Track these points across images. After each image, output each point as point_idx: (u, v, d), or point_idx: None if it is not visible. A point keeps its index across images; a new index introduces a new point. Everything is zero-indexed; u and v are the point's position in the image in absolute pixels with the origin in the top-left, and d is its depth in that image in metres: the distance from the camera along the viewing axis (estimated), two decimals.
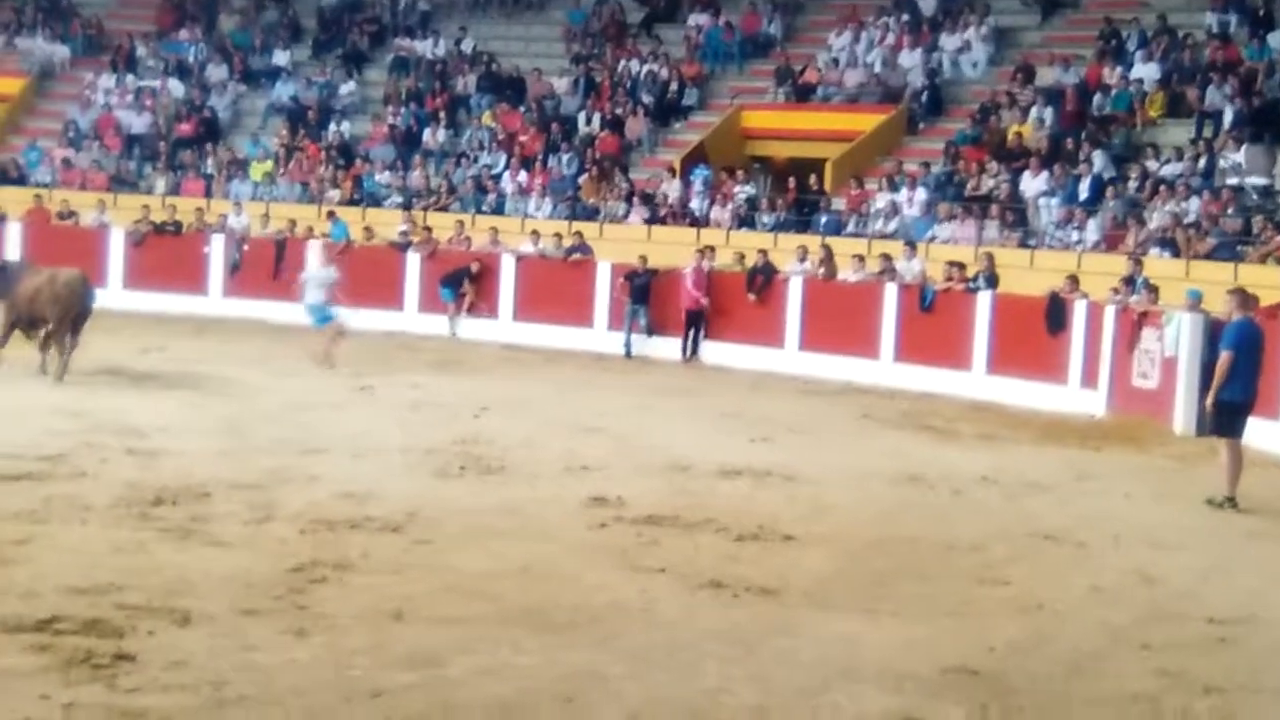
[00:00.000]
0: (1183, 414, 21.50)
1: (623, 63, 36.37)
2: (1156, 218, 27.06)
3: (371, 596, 11.46)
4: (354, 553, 12.72)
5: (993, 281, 26.03)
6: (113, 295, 30.29)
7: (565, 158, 34.15)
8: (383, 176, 34.56)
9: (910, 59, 34.23)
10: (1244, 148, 27.66)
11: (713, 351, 28.34)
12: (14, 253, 30.33)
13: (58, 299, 21.05)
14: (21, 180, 34.77)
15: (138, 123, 36.65)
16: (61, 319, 21.05)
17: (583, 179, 33.58)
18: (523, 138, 34.85)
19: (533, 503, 15.02)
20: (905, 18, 35.07)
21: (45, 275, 21.49)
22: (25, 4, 39.36)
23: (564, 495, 15.41)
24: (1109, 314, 23.45)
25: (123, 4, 40.37)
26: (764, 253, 28.72)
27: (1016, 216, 28.94)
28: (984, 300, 25.69)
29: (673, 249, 29.91)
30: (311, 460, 16.59)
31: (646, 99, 35.33)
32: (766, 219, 31.38)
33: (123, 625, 10.36)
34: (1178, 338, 21.80)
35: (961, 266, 26.49)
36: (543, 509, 14.76)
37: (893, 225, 29.80)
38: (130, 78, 37.66)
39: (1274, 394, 18.63)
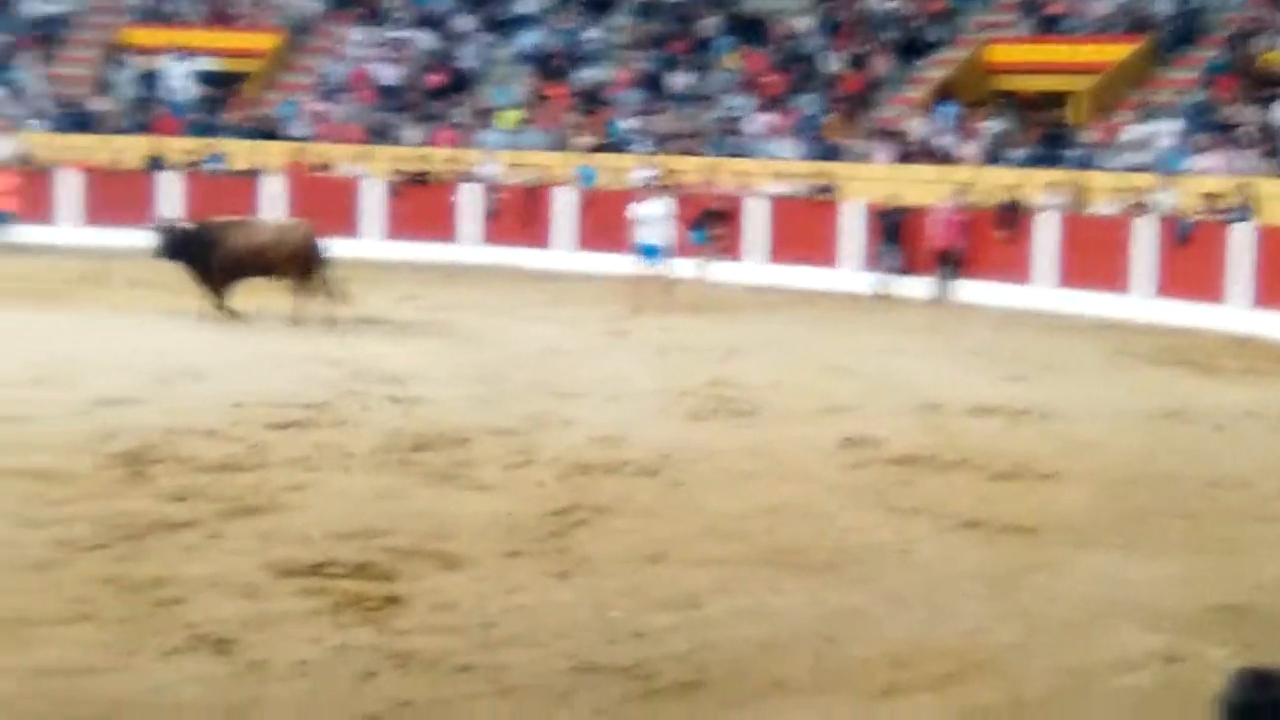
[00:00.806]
0: None
1: (865, 0, 36.07)
2: None
3: (630, 539, 11.62)
4: (611, 496, 12.89)
5: (1251, 212, 25.43)
6: (371, 245, 30.96)
7: (809, 98, 34.00)
8: (629, 121, 34.72)
9: None
10: None
11: (962, 289, 28.10)
12: (275, 206, 31.09)
13: (293, 251, 21.82)
14: (279, 134, 35.52)
15: (389, 74, 37.20)
16: (301, 270, 21.76)
17: (827, 119, 33.41)
18: (766, 79, 34.76)
19: (786, 444, 15.07)
20: None
21: (271, 229, 22.28)
22: None
23: (817, 436, 15.43)
24: None
25: None
26: (1013, 189, 28.36)
27: (1273, 146, 28.20)
28: (1244, 232, 25.11)
29: (919, 187, 29.66)
30: (567, 405, 16.80)
31: (890, 36, 35.02)
32: (1015, 154, 30.95)
33: (391, 569, 10.64)
34: None
35: (1219, 198, 25.92)
36: (796, 450, 14.80)
37: (1144, 157, 29.22)
38: (380, 30, 38.23)
39: None
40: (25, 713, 8.12)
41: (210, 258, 22.15)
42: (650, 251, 26.04)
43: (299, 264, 22.00)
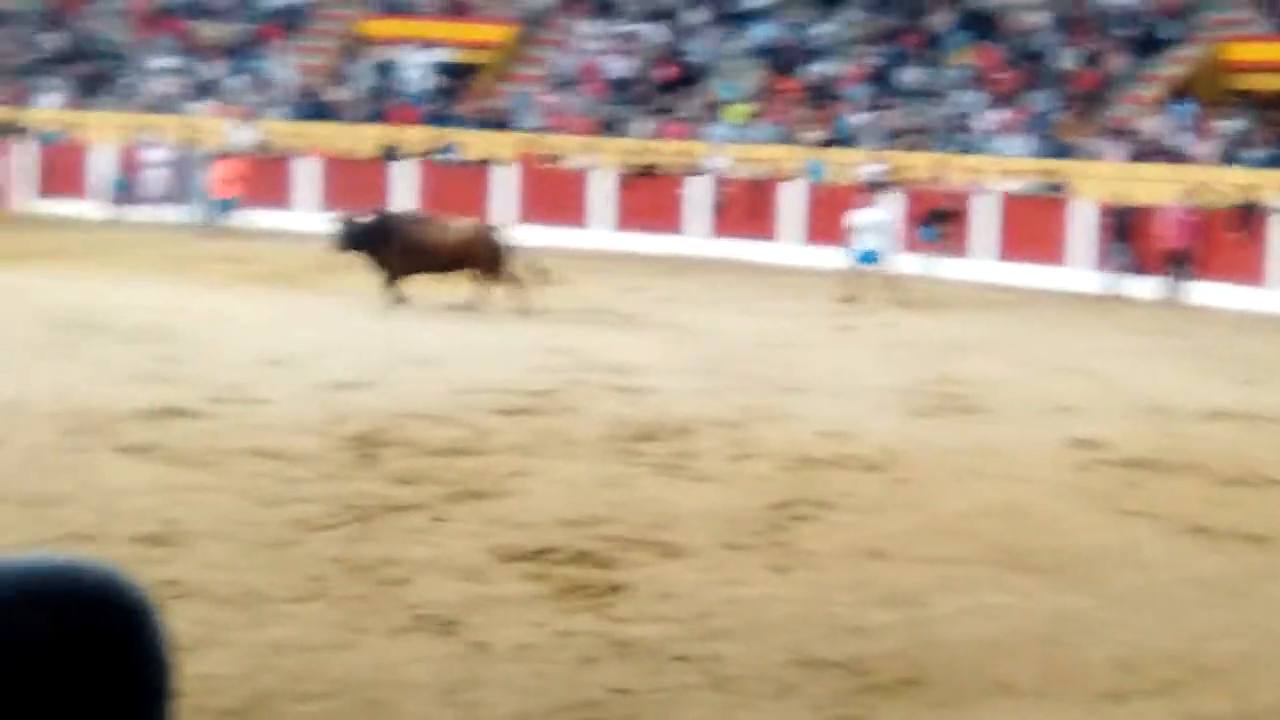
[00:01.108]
0: None
1: None
2: None
3: (852, 534, 11.60)
4: (833, 491, 12.87)
5: None
6: (600, 237, 31.22)
7: (1042, 95, 33.60)
8: (858, 116, 34.60)
9: None
10: None
11: (1194, 291, 27.59)
12: (506, 197, 31.46)
13: (484, 247, 22.39)
14: (510, 126, 35.94)
15: (620, 67, 37.47)
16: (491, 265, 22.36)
17: (1059, 116, 33.00)
18: (998, 75, 34.43)
19: (1012, 443, 14.93)
20: None
21: (464, 226, 23.21)
22: None
23: (1044, 436, 15.26)
24: None
25: None
26: (1249, 190, 27.77)
27: None
28: None
29: (1152, 186, 29.17)
30: (791, 398, 16.80)
31: (1125, 33, 34.48)
32: (1252, 155, 30.30)
33: (612, 556, 10.73)
34: None
35: None
36: (1022, 449, 14.65)
37: None
38: (612, 23, 38.50)
39: None
40: (259, 687, 8.33)
41: (388, 251, 22.66)
42: (868, 258, 25.89)
43: (479, 263, 22.49)
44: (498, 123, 36.03)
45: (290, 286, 24.23)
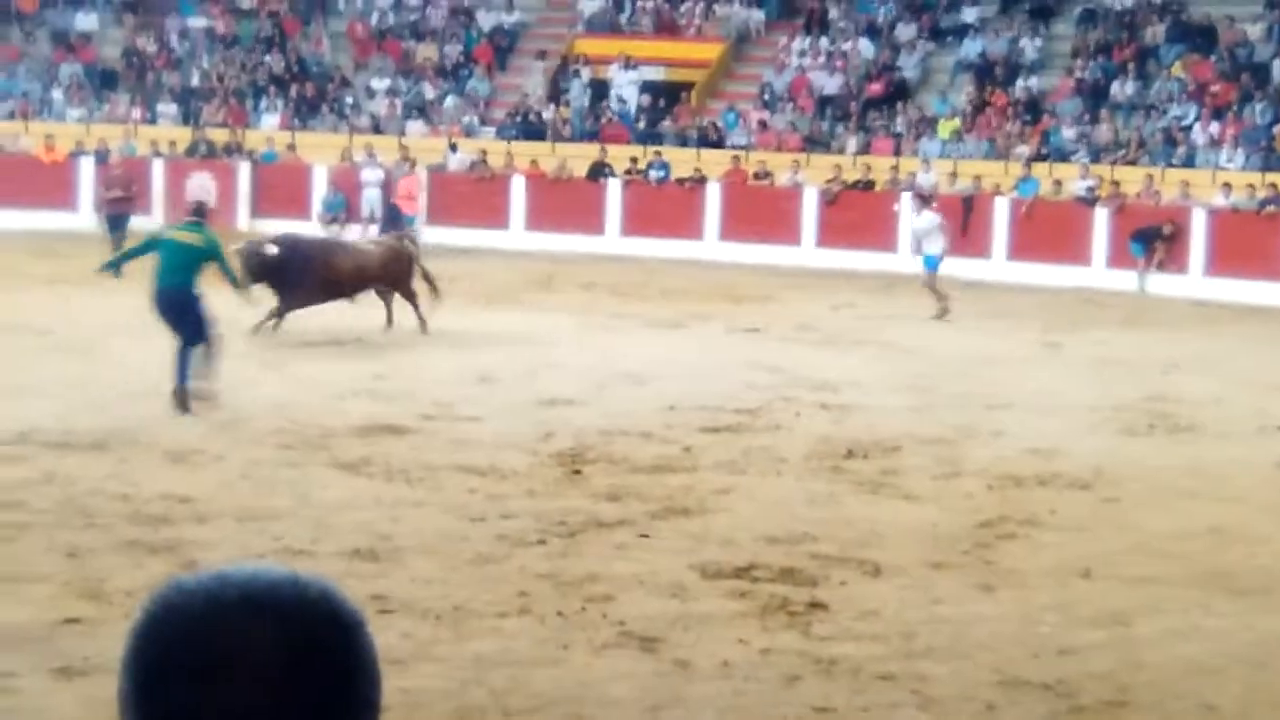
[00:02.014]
0: None
1: None
2: None
3: (1059, 553, 11.52)
4: (1041, 509, 12.79)
5: None
6: (805, 253, 31.22)
7: (1259, 107, 32.98)
8: (1070, 131, 34.23)
9: None
10: None
11: None
12: (713, 214, 31.59)
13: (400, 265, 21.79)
14: (720, 143, 36.06)
15: (829, 83, 37.42)
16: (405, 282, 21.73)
17: (1278, 128, 32.35)
18: (1214, 87, 33.84)
19: (1223, 463, 14.71)
20: None
21: (379, 247, 22.28)
22: None
23: (1256, 456, 15.02)
24: None
25: None
26: None
27: None
28: None
29: None
30: (998, 416, 16.70)
31: None
32: None
33: (816, 574, 10.77)
34: None
35: None
36: (1233, 469, 14.43)
37: None
38: (823, 40, 38.49)
39: None
40: (465, 702, 8.49)
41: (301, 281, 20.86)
42: (931, 262, 25.66)
43: (395, 282, 21.74)
44: (708, 140, 36.16)
45: (503, 305, 24.55)
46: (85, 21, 39.46)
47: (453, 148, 35.48)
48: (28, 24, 39.28)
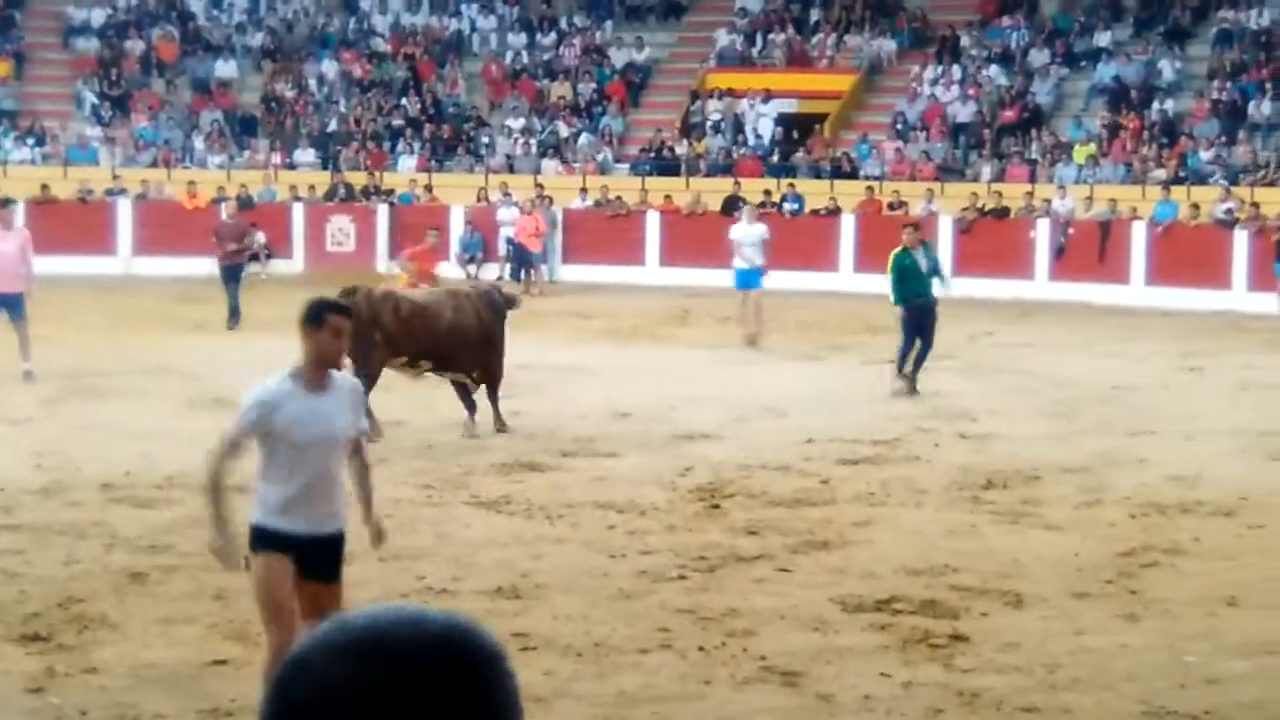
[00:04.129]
0: None
1: None
2: None
3: (1204, 582, 11.39)
4: (1185, 537, 12.65)
5: None
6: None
7: None
8: (1207, 153, 33.86)
9: None
10: None
11: None
12: (848, 245, 31.51)
13: None
14: (854, 174, 36.02)
15: (963, 111, 37.28)
16: None
17: None
18: None
19: None
20: None
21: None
22: (854, 1, 40.67)
23: None
24: None
25: None
26: None
27: None
28: None
29: None
30: (1140, 442, 16.54)
31: None
32: None
33: (957, 606, 10.72)
34: None
35: None
36: None
37: None
38: (955, 67, 38.36)
39: None
40: None
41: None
42: (744, 279, 24.62)
43: None
44: (842, 171, 36.13)
45: (640, 340, 24.64)
46: (225, 69, 40.14)
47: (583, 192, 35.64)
48: (169, 73, 40.01)
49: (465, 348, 16.97)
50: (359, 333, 12.75)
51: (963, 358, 22.75)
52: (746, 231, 25.34)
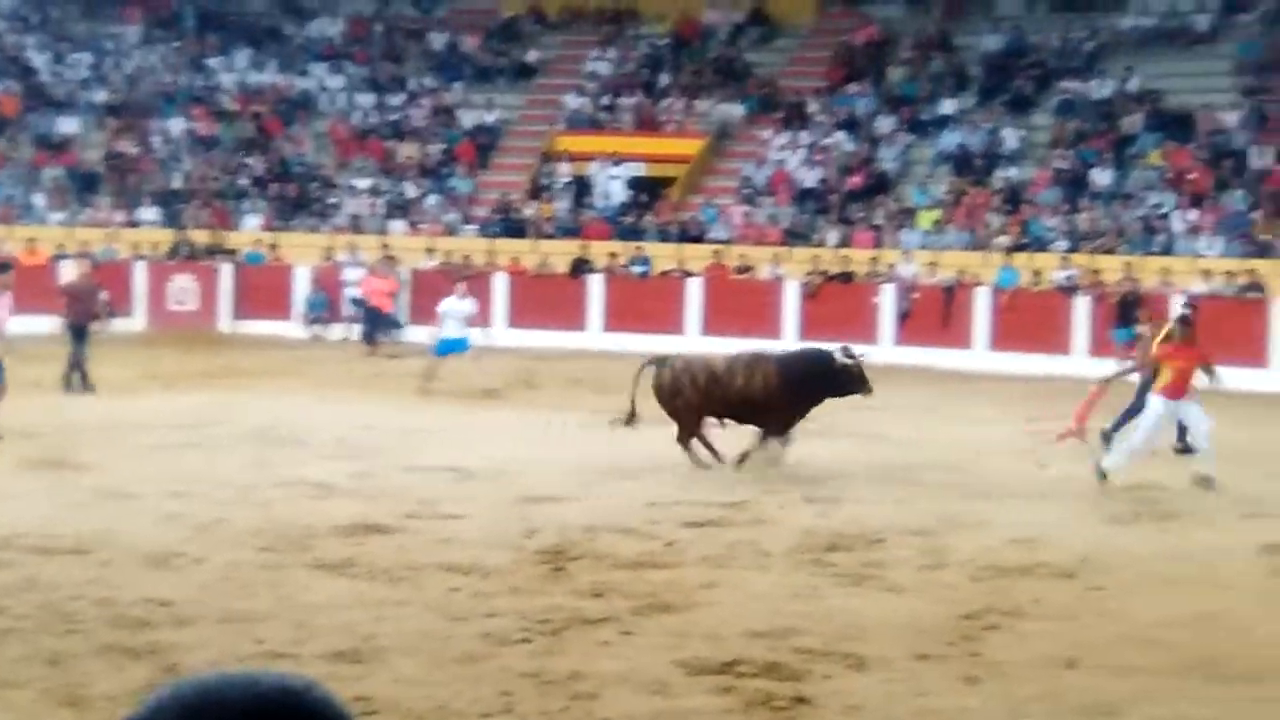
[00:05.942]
0: None
1: None
2: None
3: (1044, 644, 11.48)
4: (1026, 599, 12.76)
5: None
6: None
7: (1237, 194, 33.18)
8: (1049, 220, 34.39)
9: None
10: None
11: None
12: (694, 309, 31.59)
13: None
14: (701, 237, 36.20)
15: (809, 177, 37.61)
16: None
17: (1255, 216, 32.54)
18: (1191, 175, 34.05)
19: (1208, 550, 14.69)
20: None
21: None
22: (703, 67, 40.95)
23: (1239, 543, 15.00)
24: None
25: (794, 62, 41.51)
26: None
27: None
28: None
29: None
30: (982, 505, 16.69)
31: None
32: None
33: (800, 669, 10.72)
34: None
35: None
36: (1218, 557, 14.42)
37: None
38: (802, 133, 38.71)
39: None
40: None
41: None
42: (448, 346, 26.15)
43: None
44: (689, 235, 36.30)
45: (486, 402, 24.53)
46: (67, 125, 39.62)
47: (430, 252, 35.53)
48: (10, 128, 39.39)
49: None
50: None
51: (808, 420, 22.83)
52: (456, 306, 26.53)
